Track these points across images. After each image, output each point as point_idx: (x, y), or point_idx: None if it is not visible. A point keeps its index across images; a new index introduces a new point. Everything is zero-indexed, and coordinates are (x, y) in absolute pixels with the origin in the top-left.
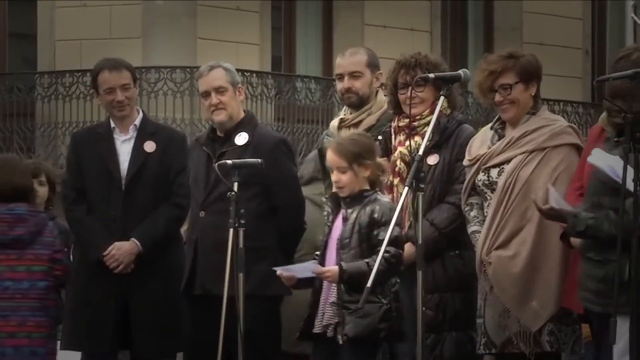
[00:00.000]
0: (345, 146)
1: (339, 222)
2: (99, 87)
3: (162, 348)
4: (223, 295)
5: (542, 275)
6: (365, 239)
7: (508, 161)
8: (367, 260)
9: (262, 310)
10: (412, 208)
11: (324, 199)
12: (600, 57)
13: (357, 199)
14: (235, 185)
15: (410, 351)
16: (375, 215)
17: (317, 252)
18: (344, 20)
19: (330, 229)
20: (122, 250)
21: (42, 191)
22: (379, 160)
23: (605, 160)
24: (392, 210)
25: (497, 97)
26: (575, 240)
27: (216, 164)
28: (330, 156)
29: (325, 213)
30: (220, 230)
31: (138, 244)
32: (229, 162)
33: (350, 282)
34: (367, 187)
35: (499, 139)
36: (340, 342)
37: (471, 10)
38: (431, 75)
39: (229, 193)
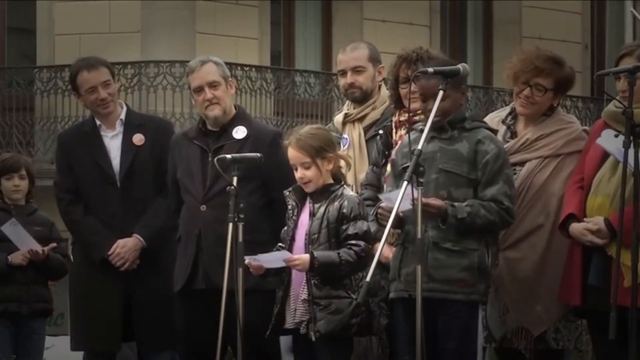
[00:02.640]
0: (305, 141)
1: (305, 216)
2: (79, 88)
3: (164, 341)
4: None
5: (548, 280)
6: (334, 234)
7: (522, 163)
8: (338, 251)
9: (262, 304)
10: None
11: (286, 193)
12: (600, 51)
13: (324, 193)
14: (235, 179)
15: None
16: (345, 211)
17: (280, 244)
18: (343, 14)
19: (296, 223)
20: (126, 248)
21: (23, 185)
22: (340, 152)
23: (614, 143)
24: (361, 204)
25: (527, 92)
26: (574, 229)
27: (215, 159)
28: (292, 153)
29: (289, 207)
30: (223, 224)
31: (141, 239)
32: (228, 156)
33: (320, 270)
34: (332, 181)
35: (511, 135)
36: (313, 338)
37: (470, 4)
38: (430, 69)
39: (228, 187)
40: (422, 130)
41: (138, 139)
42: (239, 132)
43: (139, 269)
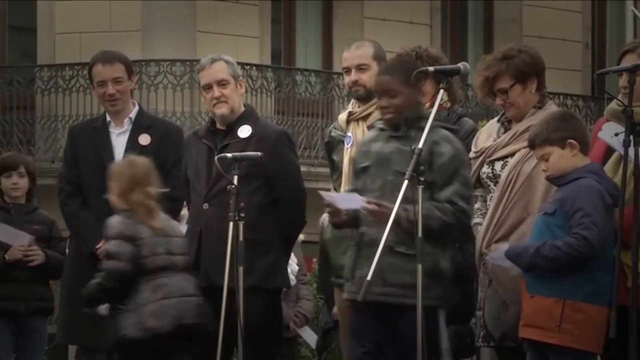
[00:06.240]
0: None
1: None
2: (92, 80)
3: None
4: (226, 287)
5: None
6: None
7: (512, 154)
8: None
9: (265, 302)
10: None
11: None
12: (600, 50)
13: None
14: (235, 178)
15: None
16: None
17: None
18: (343, 13)
19: None
20: None
21: (22, 183)
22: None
23: (612, 135)
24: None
25: (498, 101)
26: None
27: (216, 157)
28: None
29: None
30: (224, 223)
31: None
32: (229, 155)
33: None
34: None
35: (505, 132)
36: None
37: (471, 3)
38: (431, 68)
39: (228, 186)
40: (381, 129)
41: (144, 139)
42: (244, 131)
43: None
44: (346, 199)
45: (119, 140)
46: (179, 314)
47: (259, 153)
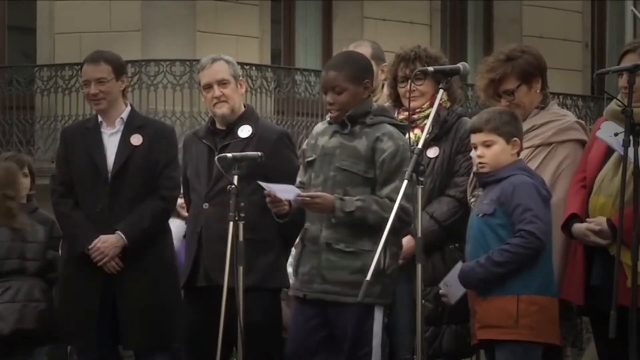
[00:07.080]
0: None
1: None
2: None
3: (152, 341)
4: (226, 287)
5: None
6: None
7: None
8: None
9: (265, 302)
10: None
11: None
12: (600, 50)
13: None
14: (235, 178)
15: (409, 344)
16: None
17: None
18: (343, 13)
19: None
20: (107, 243)
21: (26, 182)
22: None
23: (611, 134)
24: None
25: (503, 102)
26: (576, 230)
27: (216, 157)
28: None
29: None
30: (224, 223)
31: (123, 236)
32: (229, 155)
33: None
34: None
35: None
36: None
37: (471, 3)
38: (430, 68)
39: (228, 186)
40: (330, 123)
41: (136, 139)
42: (244, 131)
43: (122, 268)
44: (283, 190)
45: (110, 141)
46: (21, 317)
47: (259, 153)
